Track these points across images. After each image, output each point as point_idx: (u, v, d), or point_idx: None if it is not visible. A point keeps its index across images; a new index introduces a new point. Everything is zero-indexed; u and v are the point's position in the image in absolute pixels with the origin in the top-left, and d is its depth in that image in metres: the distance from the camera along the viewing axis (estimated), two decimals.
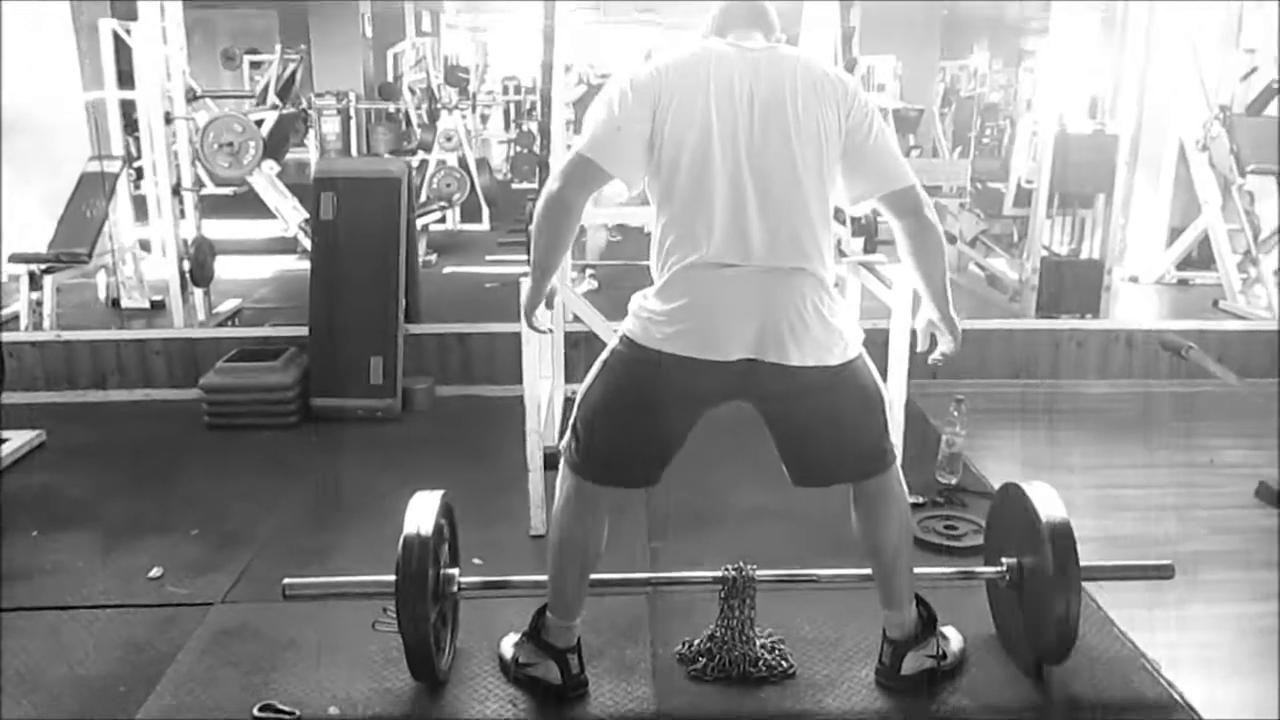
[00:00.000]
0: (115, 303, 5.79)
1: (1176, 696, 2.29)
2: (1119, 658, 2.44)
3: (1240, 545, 3.15)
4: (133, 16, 5.33)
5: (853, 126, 2.02)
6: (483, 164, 9.08)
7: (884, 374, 2.91)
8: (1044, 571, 2.22)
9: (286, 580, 2.37)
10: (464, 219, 8.72)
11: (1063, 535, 2.21)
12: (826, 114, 1.99)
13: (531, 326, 2.31)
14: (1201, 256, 6.55)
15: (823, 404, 2.08)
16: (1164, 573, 2.42)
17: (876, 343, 3.04)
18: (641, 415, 2.09)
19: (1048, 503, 2.29)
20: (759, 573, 2.35)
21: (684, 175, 1.97)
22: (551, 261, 2.12)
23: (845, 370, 2.07)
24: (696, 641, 2.42)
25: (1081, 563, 2.21)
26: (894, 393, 3.03)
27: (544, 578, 2.30)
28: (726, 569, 2.34)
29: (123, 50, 5.71)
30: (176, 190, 5.26)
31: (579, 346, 3.95)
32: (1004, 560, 2.41)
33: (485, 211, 8.77)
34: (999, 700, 2.28)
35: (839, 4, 3.59)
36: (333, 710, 2.23)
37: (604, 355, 2.14)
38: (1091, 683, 2.33)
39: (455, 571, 2.38)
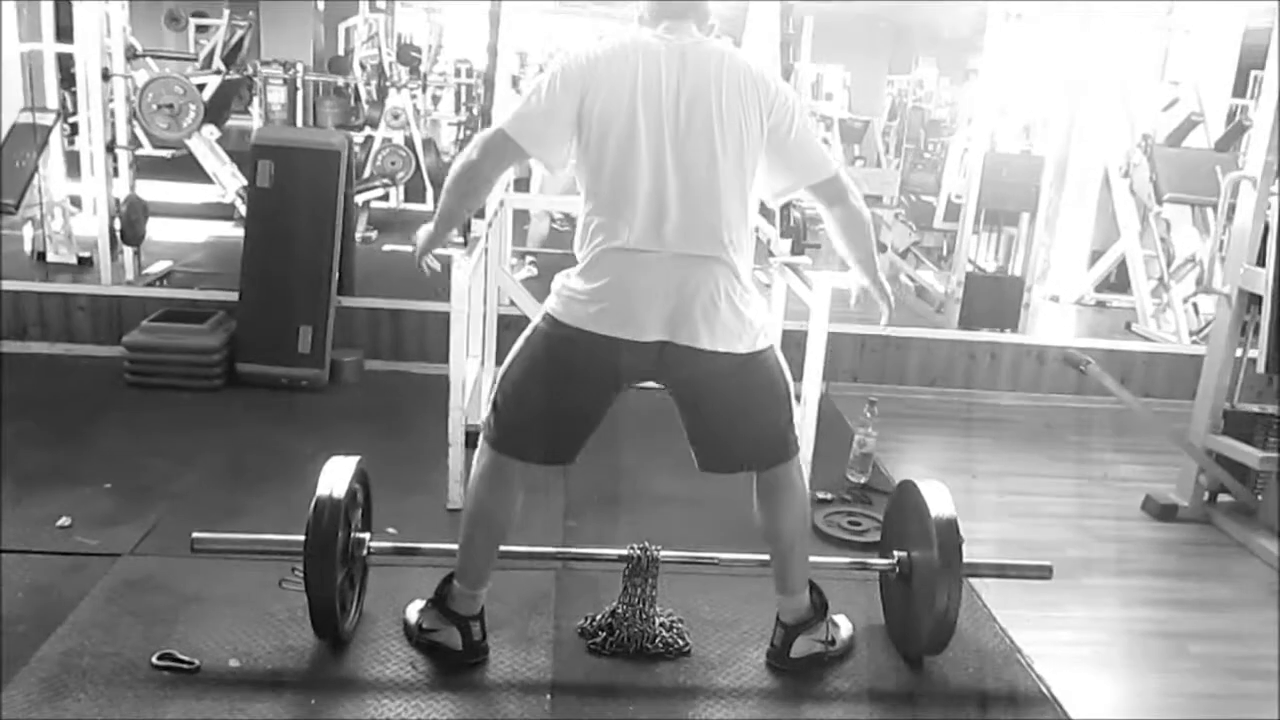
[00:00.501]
0: (41, 256, 5.67)
1: (1044, 690, 2.41)
2: (996, 651, 2.56)
3: (1122, 553, 3.30)
4: None
5: (775, 123, 2.11)
6: (429, 144, 9.02)
7: (802, 373, 3.02)
8: (930, 565, 2.33)
9: (195, 534, 2.40)
10: (408, 198, 8.68)
11: (949, 531, 2.32)
12: (749, 109, 2.07)
13: (420, 265, 2.42)
14: (1120, 280, 6.76)
15: (730, 391, 2.17)
16: (1043, 573, 2.54)
17: (798, 343, 3.15)
18: (559, 391, 2.16)
19: (939, 500, 2.39)
20: (663, 553, 2.42)
21: (609, 162, 2.05)
22: (457, 217, 2.29)
23: (754, 360, 2.16)
24: (598, 616, 2.49)
25: (966, 559, 2.33)
26: (810, 391, 3.12)
27: (454, 546, 2.34)
28: (632, 548, 2.42)
29: (62, 4, 5.60)
30: (111, 148, 5.18)
31: (511, 329, 3.99)
32: (896, 553, 2.52)
33: (429, 192, 8.74)
34: (879, 686, 2.39)
35: (780, 6, 3.68)
36: (233, 663, 2.26)
37: (527, 332, 2.21)
38: (967, 673, 2.45)
39: (366, 536, 2.43)
